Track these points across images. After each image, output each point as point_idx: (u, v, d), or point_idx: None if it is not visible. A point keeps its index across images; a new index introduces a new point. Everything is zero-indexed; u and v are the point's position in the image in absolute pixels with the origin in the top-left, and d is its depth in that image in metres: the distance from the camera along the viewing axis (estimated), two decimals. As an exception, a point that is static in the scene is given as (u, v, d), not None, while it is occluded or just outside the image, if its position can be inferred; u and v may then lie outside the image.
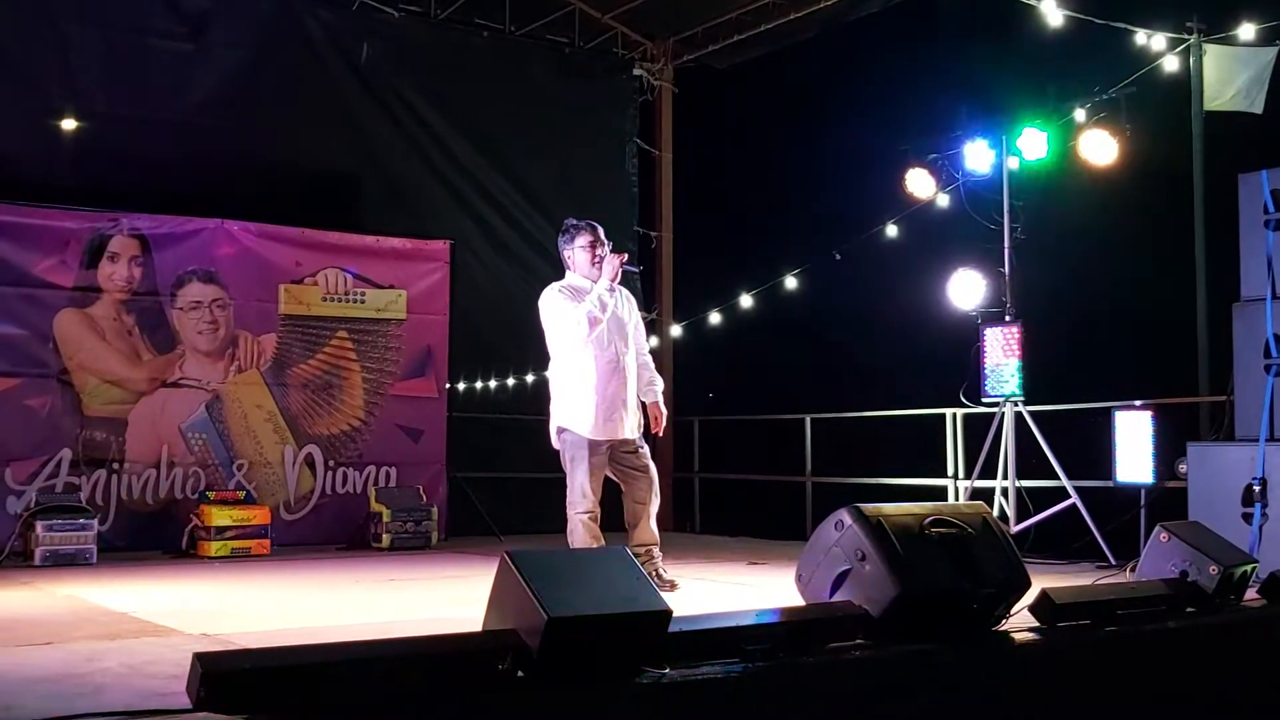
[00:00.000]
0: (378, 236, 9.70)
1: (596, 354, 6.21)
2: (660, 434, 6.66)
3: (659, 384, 6.56)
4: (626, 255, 6.38)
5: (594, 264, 6.28)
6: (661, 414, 6.48)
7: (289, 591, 6.50)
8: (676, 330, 10.95)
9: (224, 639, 4.52)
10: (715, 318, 10.42)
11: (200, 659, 2.80)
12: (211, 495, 8.53)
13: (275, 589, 6.58)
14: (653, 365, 6.62)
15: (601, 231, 6.38)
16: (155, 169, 9.01)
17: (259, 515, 8.45)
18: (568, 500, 6.21)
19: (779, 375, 10.84)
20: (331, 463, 9.39)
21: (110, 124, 8.93)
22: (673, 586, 6.03)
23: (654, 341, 6.24)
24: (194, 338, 8.93)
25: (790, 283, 9.90)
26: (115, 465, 8.57)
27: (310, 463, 9.31)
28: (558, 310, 6.25)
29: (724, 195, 11.46)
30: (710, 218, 11.54)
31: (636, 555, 5.92)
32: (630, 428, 6.29)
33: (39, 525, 7.60)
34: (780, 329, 10.33)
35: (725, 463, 11.14)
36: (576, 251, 6.35)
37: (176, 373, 8.86)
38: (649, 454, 6.40)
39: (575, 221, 6.44)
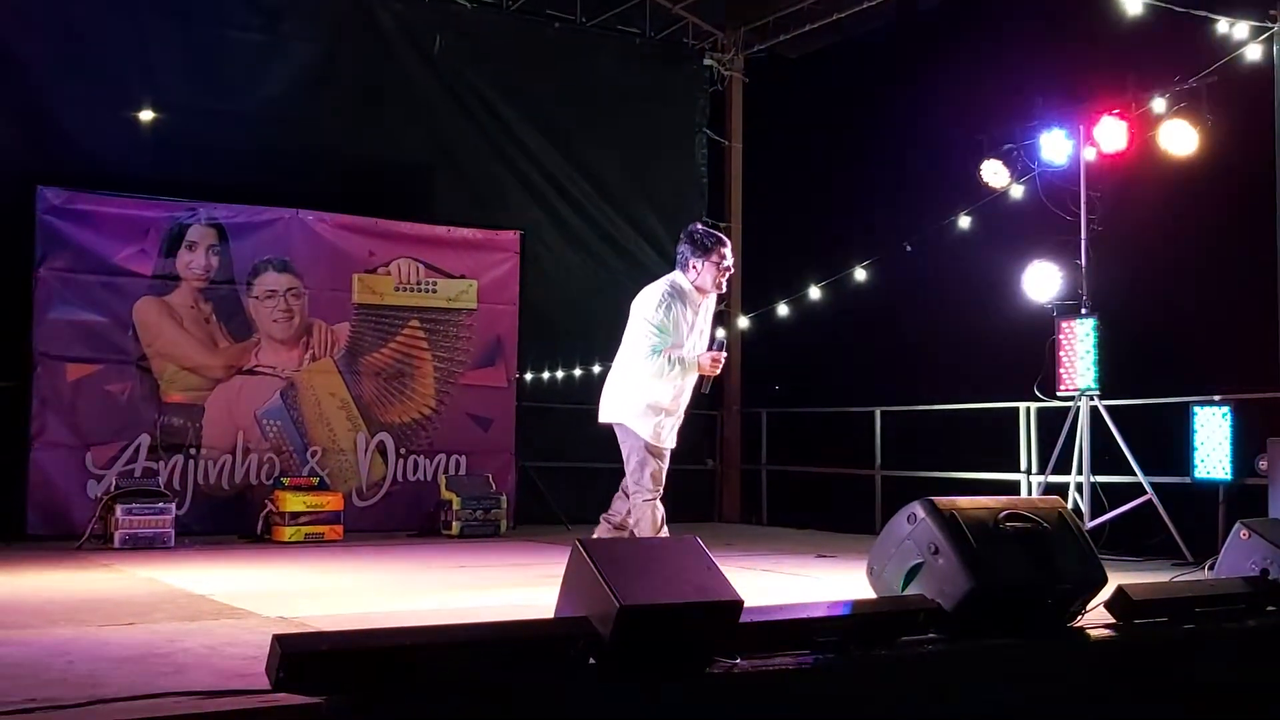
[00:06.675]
0: (449, 227, 9.80)
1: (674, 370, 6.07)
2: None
3: None
4: (725, 355, 6.03)
5: (715, 286, 6.05)
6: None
7: (362, 576, 6.59)
8: (744, 322, 10.91)
9: (300, 622, 4.59)
10: (784, 309, 10.37)
11: (280, 641, 2.85)
12: (286, 481, 8.67)
13: (349, 574, 6.68)
14: None
15: (729, 250, 6.15)
16: (232, 159, 9.16)
17: (332, 501, 8.58)
18: (631, 490, 6.03)
19: (848, 367, 10.72)
20: (403, 450, 9.49)
21: (188, 115, 9.07)
22: None
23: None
24: (269, 326, 9.07)
25: (860, 274, 9.82)
26: (192, 451, 8.73)
27: (382, 450, 9.42)
28: (654, 320, 5.94)
29: (794, 186, 11.36)
30: (780, 208, 11.45)
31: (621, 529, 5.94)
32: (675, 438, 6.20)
33: (118, 509, 7.77)
34: (850, 321, 10.23)
35: (793, 455, 11.07)
36: (706, 264, 6.01)
37: (252, 360, 9.01)
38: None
39: (715, 234, 6.13)
